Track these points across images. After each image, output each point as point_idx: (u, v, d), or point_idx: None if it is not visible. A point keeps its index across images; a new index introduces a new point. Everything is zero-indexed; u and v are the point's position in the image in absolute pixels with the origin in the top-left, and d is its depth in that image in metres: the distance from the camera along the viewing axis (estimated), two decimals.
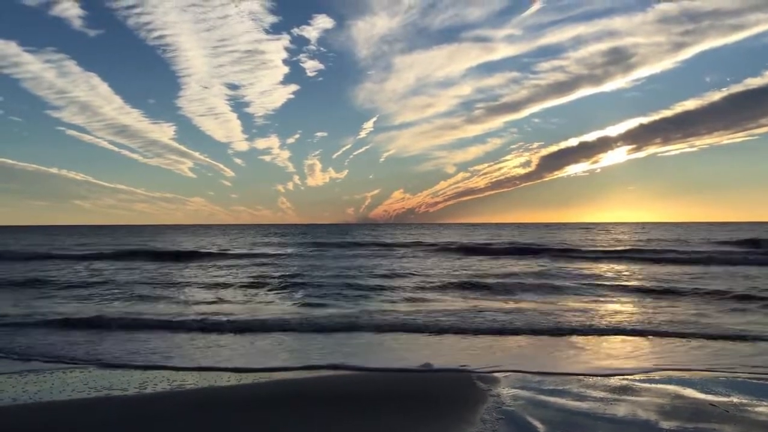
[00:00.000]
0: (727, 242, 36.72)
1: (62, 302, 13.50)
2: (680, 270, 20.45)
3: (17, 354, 7.89)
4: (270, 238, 58.69)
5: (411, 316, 10.91)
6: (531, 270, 21.09)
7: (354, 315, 11.06)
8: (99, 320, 10.40)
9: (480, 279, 17.75)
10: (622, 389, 5.91)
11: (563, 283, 16.46)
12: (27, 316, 11.13)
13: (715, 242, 37.64)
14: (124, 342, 8.73)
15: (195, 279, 18.98)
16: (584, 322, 10.08)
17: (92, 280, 18.24)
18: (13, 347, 8.29)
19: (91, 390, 6.07)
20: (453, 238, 50.35)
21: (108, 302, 13.41)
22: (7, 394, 5.90)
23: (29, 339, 8.93)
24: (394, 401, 5.58)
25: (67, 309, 12.16)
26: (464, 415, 5.09)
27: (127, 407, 5.47)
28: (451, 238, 52.56)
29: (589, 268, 22.19)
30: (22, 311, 11.80)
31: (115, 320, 10.38)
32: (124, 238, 58.48)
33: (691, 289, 14.57)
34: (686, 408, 5.28)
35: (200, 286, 16.85)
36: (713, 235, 48.91)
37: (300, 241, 48.92)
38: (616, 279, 17.95)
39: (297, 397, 5.82)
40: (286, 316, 11.04)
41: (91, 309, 12.14)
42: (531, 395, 5.71)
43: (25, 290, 15.88)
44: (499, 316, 10.73)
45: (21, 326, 10.06)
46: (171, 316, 11.11)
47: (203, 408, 5.39)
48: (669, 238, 46.24)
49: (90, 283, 17.21)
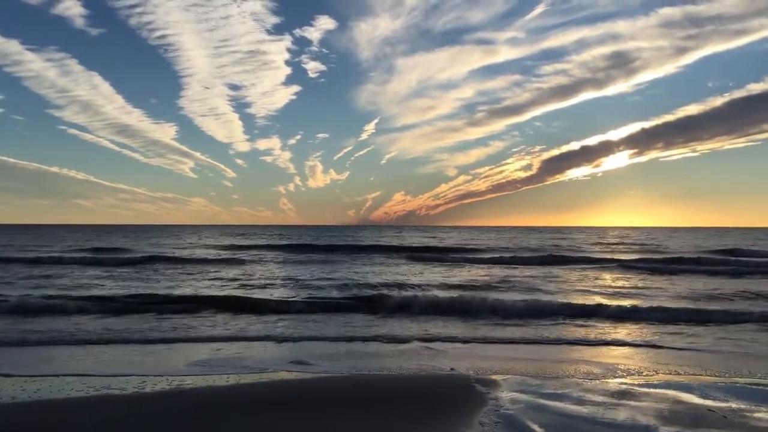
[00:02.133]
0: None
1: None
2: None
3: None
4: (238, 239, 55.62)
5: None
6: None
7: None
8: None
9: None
10: (621, 394, 5.92)
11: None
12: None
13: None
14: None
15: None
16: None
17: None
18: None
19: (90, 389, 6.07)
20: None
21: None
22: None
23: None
24: (393, 403, 5.58)
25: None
26: (462, 418, 5.09)
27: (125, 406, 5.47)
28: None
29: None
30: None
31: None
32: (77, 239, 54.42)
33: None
34: (685, 413, 5.29)
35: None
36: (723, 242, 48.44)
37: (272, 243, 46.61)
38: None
39: (296, 397, 5.82)
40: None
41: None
42: (530, 399, 5.71)
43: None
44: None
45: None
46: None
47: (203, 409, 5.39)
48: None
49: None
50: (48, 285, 16.59)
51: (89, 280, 18.25)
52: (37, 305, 11.99)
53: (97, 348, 8.45)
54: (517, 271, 22.73)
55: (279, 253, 34.41)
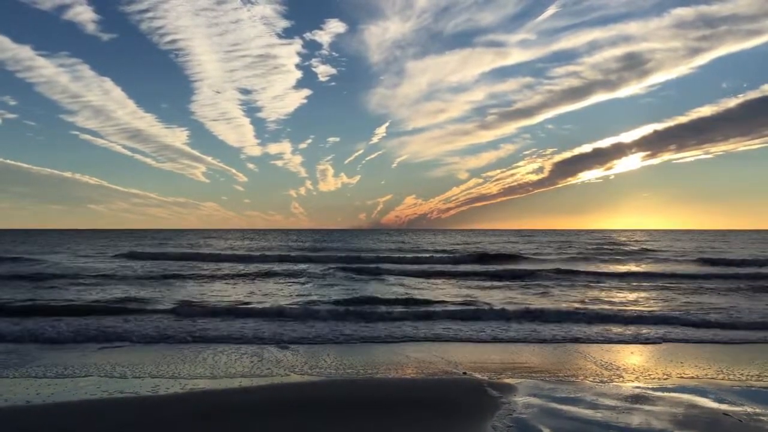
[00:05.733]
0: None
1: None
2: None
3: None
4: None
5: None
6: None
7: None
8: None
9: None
10: (635, 398, 5.88)
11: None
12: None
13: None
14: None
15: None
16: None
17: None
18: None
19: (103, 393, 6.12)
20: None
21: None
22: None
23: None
24: (405, 407, 5.58)
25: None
26: (475, 423, 5.08)
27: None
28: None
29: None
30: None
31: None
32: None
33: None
34: (700, 417, 5.25)
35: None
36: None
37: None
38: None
39: (307, 400, 5.83)
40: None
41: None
42: (543, 403, 5.69)
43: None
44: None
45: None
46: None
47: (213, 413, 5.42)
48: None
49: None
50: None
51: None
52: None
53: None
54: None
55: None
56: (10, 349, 8.45)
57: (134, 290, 16.23)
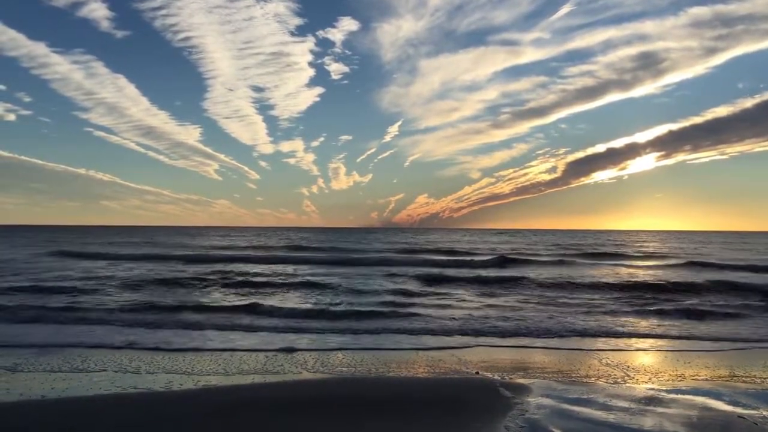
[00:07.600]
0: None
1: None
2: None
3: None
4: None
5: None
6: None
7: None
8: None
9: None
10: (648, 400, 5.84)
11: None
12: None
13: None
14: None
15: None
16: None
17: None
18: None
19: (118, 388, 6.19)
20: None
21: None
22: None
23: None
24: (417, 406, 5.58)
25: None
26: (487, 423, 5.08)
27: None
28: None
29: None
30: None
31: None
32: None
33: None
34: (714, 420, 5.21)
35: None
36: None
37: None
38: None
39: (319, 399, 5.86)
40: None
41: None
42: (556, 404, 5.67)
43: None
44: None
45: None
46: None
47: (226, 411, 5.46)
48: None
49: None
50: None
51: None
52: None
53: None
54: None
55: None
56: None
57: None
